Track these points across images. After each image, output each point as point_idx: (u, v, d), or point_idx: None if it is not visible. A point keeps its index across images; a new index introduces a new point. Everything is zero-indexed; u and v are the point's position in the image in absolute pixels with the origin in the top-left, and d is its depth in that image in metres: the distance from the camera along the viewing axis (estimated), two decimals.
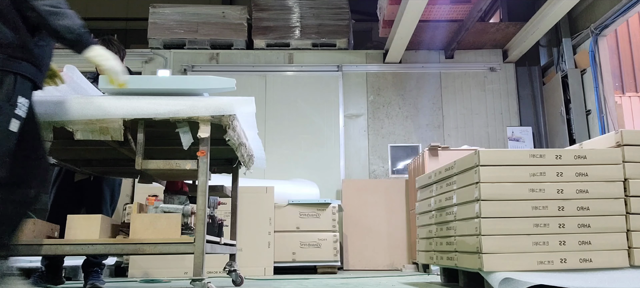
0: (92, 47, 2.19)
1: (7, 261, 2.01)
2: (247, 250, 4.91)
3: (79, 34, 2.12)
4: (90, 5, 8.69)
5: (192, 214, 2.73)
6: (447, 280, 3.45)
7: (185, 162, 2.54)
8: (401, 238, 5.96)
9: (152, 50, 7.08)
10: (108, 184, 3.50)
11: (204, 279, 2.40)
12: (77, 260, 4.07)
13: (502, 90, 7.15)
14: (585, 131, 6.40)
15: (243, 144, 2.78)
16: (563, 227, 2.59)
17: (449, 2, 6.06)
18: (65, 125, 2.42)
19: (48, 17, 2.04)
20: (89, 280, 3.34)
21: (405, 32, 6.15)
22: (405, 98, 7.08)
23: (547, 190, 2.62)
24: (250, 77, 7.02)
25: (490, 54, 7.25)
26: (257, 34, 7.12)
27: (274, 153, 6.67)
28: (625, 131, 2.73)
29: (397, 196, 6.11)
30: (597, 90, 6.20)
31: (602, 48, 6.25)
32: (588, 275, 2.53)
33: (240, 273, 3.46)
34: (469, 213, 2.70)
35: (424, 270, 5.04)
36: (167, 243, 2.48)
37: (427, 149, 5.22)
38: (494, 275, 2.48)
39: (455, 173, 2.96)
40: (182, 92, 2.59)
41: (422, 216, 3.60)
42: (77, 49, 2.16)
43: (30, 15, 2.04)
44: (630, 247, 2.60)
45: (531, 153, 2.67)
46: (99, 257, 3.36)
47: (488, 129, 7.04)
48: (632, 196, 2.64)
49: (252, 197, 5.08)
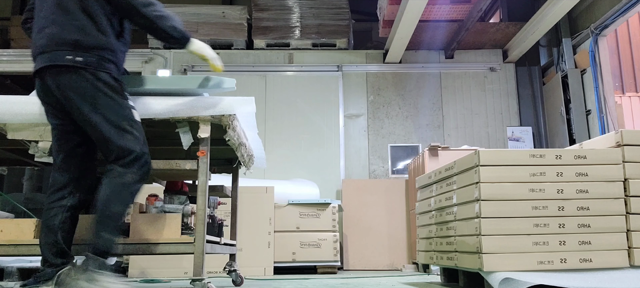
0: (192, 41, 2.39)
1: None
2: (247, 250, 4.92)
3: (182, 31, 2.33)
4: None
5: (192, 214, 2.73)
6: (447, 280, 3.45)
7: (185, 162, 2.54)
8: (401, 238, 5.96)
9: (152, 50, 7.08)
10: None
11: (204, 279, 2.40)
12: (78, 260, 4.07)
13: (502, 90, 7.15)
14: (585, 131, 6.40)
15: (243, 144, 2.78)
16: (563, 227, 2.59)
17: (449, 2, 6.06)
18: None
19: (157, 21, 2.25)
20: None
21: (405, 32, 6.15)
22: (405, 98, 7.08)
23: (547, 190, 2.62)
24: (250, 77, 7.02)
25: (490, 54, 7.25)
26: (257, 34, 7.12)
27: (274, 153, 6.67)
28: (625, 131, 2.73)
29: (397, 196, 6.11)
30: (597, 90, 6.20)
31: (602, 48, 6.25)
32: (588, 275, 2.53)
33: (240, 273, 3.46)
34: (469, 213, 2.70)
35: (424, 270, 5.04)
36: (167, 243, 2.48)
37: (427, 149, 5.22)
38: (494, 275, 2.48)
39: (455, 173, 2.96)
40: (182, 92, 2.59)
41: (422, 216, 3.60)
42: (182, 45, 2.37)
43: (140, 22, 2.26)
44: (630, 247, 2.60)
45: (531, 154, 2.67)
46: None
47: (488, 129, 7.04)
48: (632, 196, 2.64)
49: (252, 197, 5.08)
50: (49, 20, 2.16)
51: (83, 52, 2.13)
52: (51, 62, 2.11)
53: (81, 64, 2.12)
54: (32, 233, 2.53)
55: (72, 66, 2.11)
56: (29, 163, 3.24)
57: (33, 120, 2.41)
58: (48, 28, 2.15)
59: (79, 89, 2.12)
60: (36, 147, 2.43)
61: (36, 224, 2.56)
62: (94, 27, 2.18)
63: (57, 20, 2.15)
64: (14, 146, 2.73)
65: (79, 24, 2.16)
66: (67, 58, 2.11)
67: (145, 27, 2.29)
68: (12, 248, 2.45)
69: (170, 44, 2.38)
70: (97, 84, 2.15)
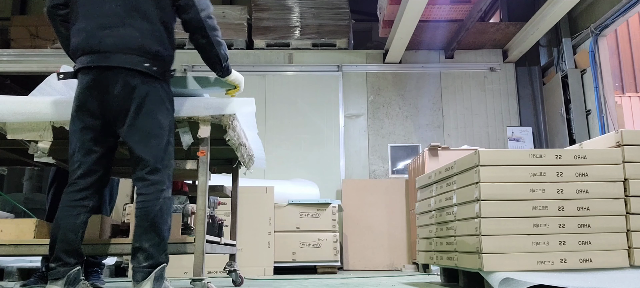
0: (232, 72, 2.53)
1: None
2: (247, 250, 4.91)
3: (228, 62, 2.49)
4: None
5: (192, 214, 2.73)
6: (447, 280, 3.45)
7: (185, 162, 2.54)
8: (401, 238, 5.96)
9: None
10: (112, 182, 3.50)
11: (204, 279, 2.40)
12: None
13: (502, 90, 7.15)
14: (585, 131, 6.40)
15: (243, 144, 2.78)
16: (563, 227, 2.58)
17: (449, 2, 6.06)
18: (65, 125, 2.42)
19: (217, 46, 2.37)
20: (89, 280, 3.33)
21: (405, 32, 6.15)
22: (405, 98, 7.08)
23: (547, 190, 2.62)
24: (250, 77, 7.02)
25: (490, 54, 7.25)
26: (257, 34, 7.12)
27: (274, 153, 6.67)
28: (625, 131, 2.72)
29: (397, 196, 6.10)
30: (597, 90, 6.20)
31: (602, 48, 6.25)
32: (588, 275, 2.53)
33: (240, 273, 3.46)
34: (469, 213, 2.70)
35: (424, 270, 5.04)
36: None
37: (427, 149, 5.22)
38: (494, 275, 2.48)
39: (455, 173, 2.96)
40: (181, 93, 2.59)
41: (422, 216, 3.60)
42: (225, 74, 2.49)
43: (200, 42, 2.34)
44: (630, 247, 2.59)
45: (531, 154, 2.67)
46: (99, 256, 3.36)
47: (488, 129, 7.04)
48: (632, 196, 2.64)
49: (252, 197, 5.08)
50: (121, 21, 2.17)
51: (159, 63, 2.21)
52: (128, 65, 2.13)
53: (156, 73, 2.20)
54: (32, 234, 2.53)
55: (147, 74, 2.17)
56: (29, 164, 3.24)
57: (33, 120, 2.41)
58: (121, 29, 2.16)
59: (147, 96, 2.17)
60: (36, 147, 2.43)
61: (36, 224, 2.56)
62: (168, 40, 2.27)
63: (134, 25, 2.17)
64: (14, 146, 2.73)
65: (159, 35, 2.23)
66: (145, 66, 2.16)
67: (201, 47, 2.36)
68: (12, 248, 2.45)
69: (213, 69, 2.46)
70: (163, 95, 2.23)
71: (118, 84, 2.13)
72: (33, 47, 7.37)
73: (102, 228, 2.56)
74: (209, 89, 2.67)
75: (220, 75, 2.47)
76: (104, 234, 2.58)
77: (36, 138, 2.42)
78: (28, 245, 2.46)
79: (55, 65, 3.35)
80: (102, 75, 2.14)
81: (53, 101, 2.43)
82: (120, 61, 2.13)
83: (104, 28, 2.16)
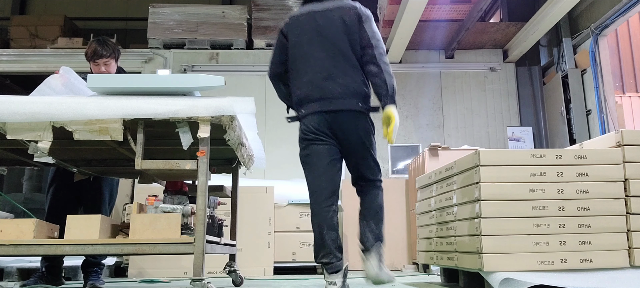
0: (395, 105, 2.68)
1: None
2: (247, 250, 4.91)
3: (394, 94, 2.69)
4: (90, 5, 8.69)
5: (192, 214, 2.72)
6: (447, 280, 3.45)
7: (185, 162, 2.53)
8: (401, 239, 5.95)
9: (151, 50, 7.08)
10: (107, 184, 3.50)
11: (204, 279, 2.39)
12: (77, 260, 4.07)
13: (502, 90, 7.14)
14: (586, 131, 6.40)
15: (243, 144, 2.78)
16: (563, 227, 2.58)
17: (449, 2, 6.06)
18: (65, 125, 2.41)
19: (390, 78, 2.67)
20: (89, 281, 3.33)
21: (406, 31, 6.15)
22: (405, 98, 7.07)
23: (548, 190, 2.61)
24: (250, 77, 7.02)
25: (490, 54, 7.25)
26: (257, 34, 7.12)
27: (274, 153, 6.67)
28: (626, 131, 2.72)
29: (397, 196, 6.10)
30: (598, 90, 6.20)
31: (603, 48, 6.25)
32: (588, 275, 2.52)
33: (240, 274, 3.46)
34: (469, 213, 2.70)
35: (424, 270, 5.03)
36: (167, 244, 2.47)
37: (427, 149, 5.21)
38: (494, 275, 2.47)
39: (455, 174, 2.96)
40: (172, 91, 2.57)
41: (422, 216, 3.60)
42: (389, 102, 2.65)
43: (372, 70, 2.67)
44: (631, 247, 2.59)
45: (531, 154, 2.67)
46: (99, 257, 3.36)
47: (488, 129, 7.03)
48: (632, 196, 2.63)
49: (252, 197, 5.07)
50: (340, 71, 2.67)
51: (365, 102, 2.70)
52: (348, 107, 2.65)
53: (365, 110, 2.69)
54: (32, 234, 2.52)
55: (361, 112, 2.67)
56: (29, 164, 3.24)
57: (33, 120, 2.41)
58: (340, 78, 2.66)
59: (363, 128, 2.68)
60: (36, 147, 2.43)
61: (36, 224, 2.56)
62: (364, 82, 2.72)
63: (348, 73, 2.67)
64: (14, 146, 2.73)
65: (362, 79, 2.70)
66: (360, 105, 2.67)
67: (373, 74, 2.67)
68: (12, 248, 2.45)
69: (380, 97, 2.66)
70: (370, 126, 2.73)
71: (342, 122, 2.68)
72: (33, 47, 7.37)
73: (101, 228, 2.55)
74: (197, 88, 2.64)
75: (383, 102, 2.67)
76: (103, 234, 2.57)
77: (36, 138, 2.42)
78: (28, 245, 2.45)
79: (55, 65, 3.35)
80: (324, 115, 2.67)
81: (53, 101, 2.43)
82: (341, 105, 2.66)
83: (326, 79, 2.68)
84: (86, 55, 3.23)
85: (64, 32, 7.49)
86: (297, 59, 2.77)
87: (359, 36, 2.70)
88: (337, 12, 2.73)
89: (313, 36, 2.73)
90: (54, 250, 2.46)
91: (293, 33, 2.80)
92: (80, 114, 2.41)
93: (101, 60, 3.19)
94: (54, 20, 7.60)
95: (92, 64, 3.23)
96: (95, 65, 3.21)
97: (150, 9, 7.15)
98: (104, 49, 3.19)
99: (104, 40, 3.26)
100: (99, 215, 2.58)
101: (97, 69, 3.21)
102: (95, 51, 3.18)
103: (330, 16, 2.73)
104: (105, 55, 3.19)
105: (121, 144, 2.70)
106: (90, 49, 3.20)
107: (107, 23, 8.52)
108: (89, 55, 3.21)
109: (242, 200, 4.45)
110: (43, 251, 2.47)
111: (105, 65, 3.21)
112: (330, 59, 2.68)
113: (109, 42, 3.27)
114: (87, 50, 3.23)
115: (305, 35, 2.75)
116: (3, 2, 8.53)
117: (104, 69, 3.21)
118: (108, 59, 3.21)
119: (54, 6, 8.57)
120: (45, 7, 8.65)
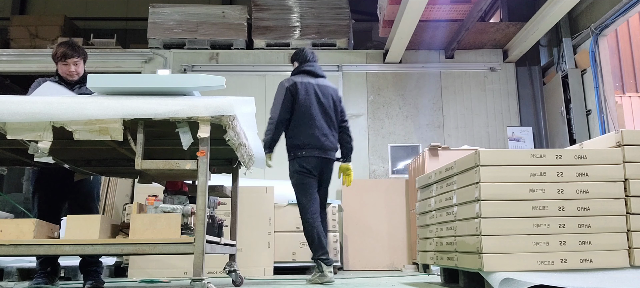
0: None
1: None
2: (247, 250, 4.91)
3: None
4: (90, 5, 8.69)
5: (192, 214, 2.72)
6: (447, 280, 3.45)
7: (185, 162, 2.53)
8: (401, 239, 5.96)
9: (151, 50, 7.08)
10: (94, 182, 3.51)
11: (204, 279, 2.39)
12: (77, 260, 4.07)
13: (502, 90, 7.14)
14: (586, 131, 6.40)
15: (243, 144, 2.78)
16: (563, 227, 2.58)
17: (449, 2, 6.05)
18: (65, 125, 2.41)
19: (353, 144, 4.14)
20: (88, 280, 3.33)
21: (406, 31, 6.14)
22: (405, 98, 7.08)
23: (548, 190, 2.61)
24: (250, 77, 7.02)
25: (490, 54, 7.25)
26: (257, 34, 7.12)
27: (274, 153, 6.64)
28: (626, 131, 2.72)
29: (397, 196, 6.10)
30: (598, 90, 6.20)
31: (603, 48, 6.25)
32: (588, 275, 2.52)
33: (240, 274, 3.46)
34: (469, 213, 2.70)
35: (424, 270, 5.03)
36: (167, 244, 2.47)
37: (427, 149, 5.21)
38: (494, 275, 2.47)
39: (455, 174, 2.96)
40: (172, 91, 2.57)
41: (422, 216, 3.60)
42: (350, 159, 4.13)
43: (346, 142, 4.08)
44: (631, 247, 2.59)
45: (531, 154, 2.67)
46: (97, 256, 3.35)
47: (488, 129, 7.03)
48: (632, 196, 2.63)
49: (252, 197, 5.07)
50: (332, 130, 3.93)
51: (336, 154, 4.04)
52: (332, 157, 3.94)
53: (336, 159, 4.03)
54: (32, 234, 2.52)
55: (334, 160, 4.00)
56: (29, 164, 3.24)
57: (33, 120, 2.41)
58: (331, 137, 3.91)
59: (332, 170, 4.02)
60: (36, 147, 2.43)
61: (36, 224, 2.56)
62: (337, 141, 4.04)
63: (334, 134, 3.95)
64: (14, 146, 2.73)
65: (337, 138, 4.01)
66: (335, 156, 4.01)
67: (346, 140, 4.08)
68: (12, 248, 2.45)
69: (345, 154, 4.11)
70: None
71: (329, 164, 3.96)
72: (33, 47, 7.37)
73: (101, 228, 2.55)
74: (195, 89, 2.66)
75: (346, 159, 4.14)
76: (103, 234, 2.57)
77: (36, 138, 2.42)
78: (28, 245, 2.45)
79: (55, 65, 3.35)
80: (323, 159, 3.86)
81: (53, 101, 2.43)
82: (333, 155, 3.97)
83: (325, 136, 3.86)
84: (54, 56, 3.26)
85: (64, 32, 7.49)
86: (303, 116, 3.81)
87: (339, 111, 4.01)
88: (330, 90, 3.95)
89: (315, 102, 3.83)
90: (54, 250, 2.46)
91: (300, 95, 3.81)
92: (80, 114, 2.41)
93: (71, 60, 3.23)
94: (54, 20, 7.61)
95: (60, 65, 3.25)
96: (65, 65, 3.24)
97: (150, 9, 7.15)
98: (73, 50, 3.24)
99: (73, 44, 3.30)
100: (99, 215, 2.59)
101: (66, 68, 3.24)
102: (65, 53, 3.22)
103: (326, 92, 3.91)
104: (74, 55, 3.24)
105: (121, 144, 2.70)
106: (59, 50, 3.23)
107: (107, 23, 8.52)
108: (58, 56, 3.23)
109: (242, 200, 4.45)
110: (43, 251, 2.47)
111: (75, 64, 3.26)
112: (326, 122, 3.87)
113: (77, 46, 3.31)
114: (55, 51, 3.26)
115: (310, 100, 3.82)
116: (3, 2, 8.53)
117: (74, 68, 3.24)
118: (77, 59, 3.26)
119: (54, 6, 8.57)
120: (45, 7, 8.66)
